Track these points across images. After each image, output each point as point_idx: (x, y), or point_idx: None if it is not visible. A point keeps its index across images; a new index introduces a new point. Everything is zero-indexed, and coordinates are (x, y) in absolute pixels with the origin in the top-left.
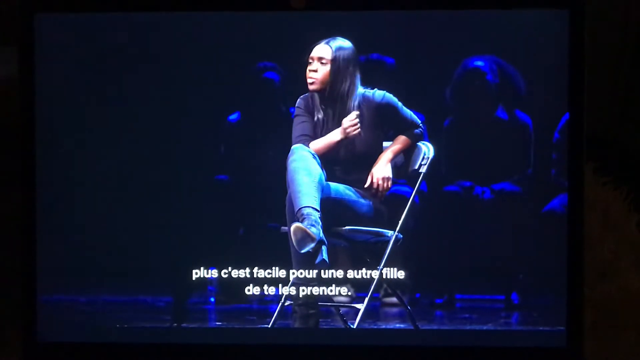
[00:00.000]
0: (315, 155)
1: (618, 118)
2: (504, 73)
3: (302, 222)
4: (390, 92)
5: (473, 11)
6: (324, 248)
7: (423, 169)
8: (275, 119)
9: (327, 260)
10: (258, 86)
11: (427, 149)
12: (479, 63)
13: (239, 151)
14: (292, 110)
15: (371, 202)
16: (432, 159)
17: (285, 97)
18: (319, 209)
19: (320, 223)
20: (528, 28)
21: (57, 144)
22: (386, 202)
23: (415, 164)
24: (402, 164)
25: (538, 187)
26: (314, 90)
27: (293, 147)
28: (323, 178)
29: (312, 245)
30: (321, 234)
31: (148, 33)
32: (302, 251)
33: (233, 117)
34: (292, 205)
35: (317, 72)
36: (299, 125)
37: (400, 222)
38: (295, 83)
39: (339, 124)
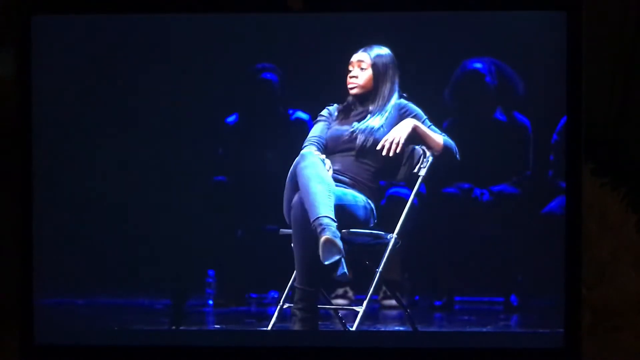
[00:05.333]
0: (325, 162)
1: (616, 119)
2: (502, 75)
3: (321, 232)
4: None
5: (471, 13)
6: (343, 260)
7: (422, 172)
8: (273, 121)
9: (347, 272)
10: (256, 88)
11: (426, 151)
12: (478, 65)
13: (237, 153)
14: (290, 111)
15: (369, 205)
16: (431, 162)
17: (284, 99)
18: (335, 220)
19: (339, 234)
20: (526, 30)
21: (54, 146)
22: (386, 205)
23: (414, 166)
24: (402, 167)
25: (537, 189)
26: (355, 95)
27: (303, 152)
28: (333, 186)
29: (337, 257)
30: (342, 247)
31: (144, 35)
32: (327, 262)
33: (231, 118)
34: (300, 209)
35: (358, 78)
36: (314, 129)
37: (399, 224)
38: (294, 84)
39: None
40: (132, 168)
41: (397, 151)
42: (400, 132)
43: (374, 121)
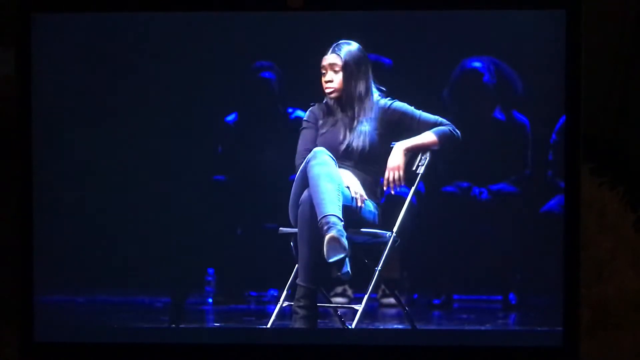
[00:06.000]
0: (336, 162)
1: (615, 118)
2: (501, 74)
3: (327, 230)
4: (387, 93)
5: (470, 12)
6: (347, 260)
7: (421, 170)
8: (273, 120)
9: (350, 271)
10: (255, 86)
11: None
12: (477, 64)
13: (236, 152)
14: (289, 110)
15: (372, 206)
16: (429, 160)
17: (283, 97)
18: (342, 219)
19: (345, 234)
20: (525, 29)
21: (54, 144)
22: (385, 203)
23: (413, 165)
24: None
25: (535, 187)
26: (334, 98)
27: (315, 149)
28: (343, 185)
29: (342, 255)
30: (347, 245)
31: (144, 33)
32: (331, 260)
33: (230, 117)
34: (308, 206)
35: (333, 82)
36: (303, 137)
37: (398, 222)
38: (293, 82)
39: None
40: (132, 167)
41: (402, 183)
42: (396, 164)
43: (365, 126)
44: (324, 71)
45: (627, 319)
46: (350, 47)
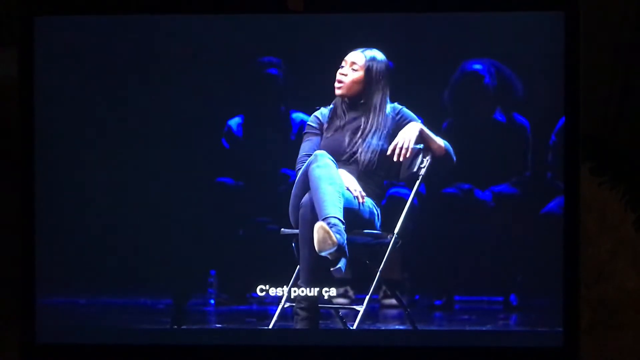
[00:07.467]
0: (337, 165)
1: (614, 118)
2: (501, 76)
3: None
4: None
5: (470, 14)
6: (343, 260)
7: (422, 172)
8: (276, 121)
9: (343, 269)
10: (259, 85)
11: (426, 152)
12: (477, 66)
13: (239, 153)
14: (294, 112)
15: (372, 205)
16: (430, 162)
17: (286, 99)
18: (344, 221)
19: (345, 235)
20: (525, 31)
21: (56, 145)
22: (386, 205)
23: (414, 166)
24: (402, 167)
25: (536, 189)
26: (339, 95)
27: (316, 152)
28: (344, 188)
29: (332, 250)
30: (345, 245)
31: (147, 36)
32: (322, 254)
33: (234, 120)
34: (309, 208)
35: (347, 77)
36: (306, 143)
37: (399, 224)
38: (297, 83)
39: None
40: (135, 168)
41: (407, 156)
42: (408, 136)
43: (374, 138)
44: (343, 64)
45: (627, 318)
46: (377, 55)
